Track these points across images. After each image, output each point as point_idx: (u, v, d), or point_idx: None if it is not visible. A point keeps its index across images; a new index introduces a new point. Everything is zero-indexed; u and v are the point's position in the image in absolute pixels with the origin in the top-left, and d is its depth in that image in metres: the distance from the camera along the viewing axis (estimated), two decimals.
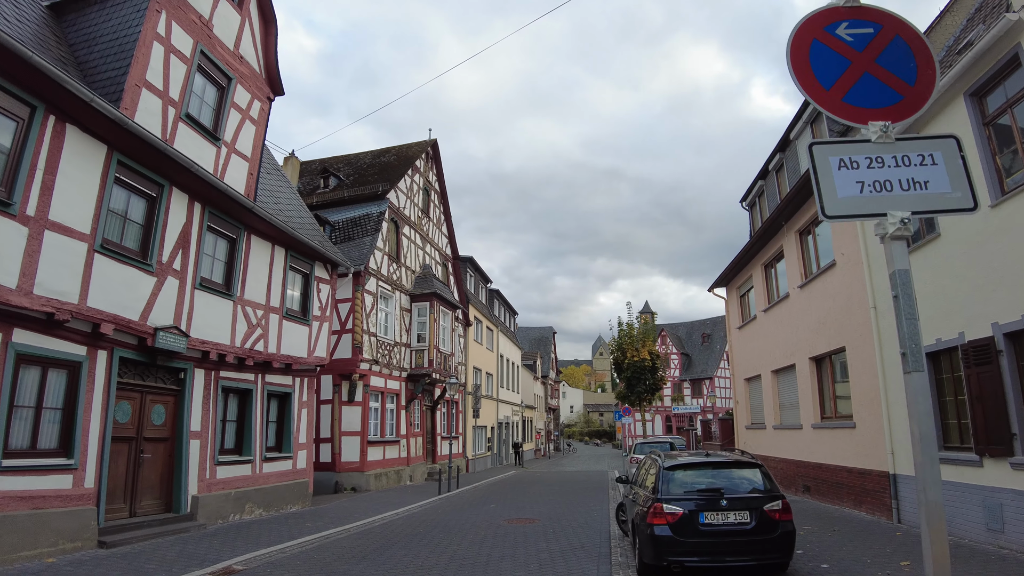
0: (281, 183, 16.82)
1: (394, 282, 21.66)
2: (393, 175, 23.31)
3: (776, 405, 16.72)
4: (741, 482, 6.96)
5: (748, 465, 7.13)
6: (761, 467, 7.08)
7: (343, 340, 18.96)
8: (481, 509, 14.24)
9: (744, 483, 6.95)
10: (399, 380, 21.59)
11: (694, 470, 7.16)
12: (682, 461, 7.31)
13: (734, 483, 6.92)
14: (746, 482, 6.96)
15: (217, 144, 11.87)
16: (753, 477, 6.98)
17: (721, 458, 7.41)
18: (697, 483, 6.93)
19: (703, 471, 7.14)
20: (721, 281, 21.35)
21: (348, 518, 12.66)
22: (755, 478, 6.96)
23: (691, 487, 6.87)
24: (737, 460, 7.31)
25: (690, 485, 6.90)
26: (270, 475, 13.26)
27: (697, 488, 6.84)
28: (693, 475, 7.07)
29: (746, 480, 6.98)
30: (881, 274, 10.85)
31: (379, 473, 19.52)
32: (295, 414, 14.28)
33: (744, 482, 6.96)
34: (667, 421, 53.93)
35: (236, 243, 12.40)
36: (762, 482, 6.91)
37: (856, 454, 11.75)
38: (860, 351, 11.58)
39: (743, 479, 6.99)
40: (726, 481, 6.91)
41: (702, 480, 6.97)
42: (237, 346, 12.12)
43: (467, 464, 29.44)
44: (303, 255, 14.62)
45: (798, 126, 15.66)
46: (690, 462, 7.30)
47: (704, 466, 7.22)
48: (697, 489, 6.83)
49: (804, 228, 14.59)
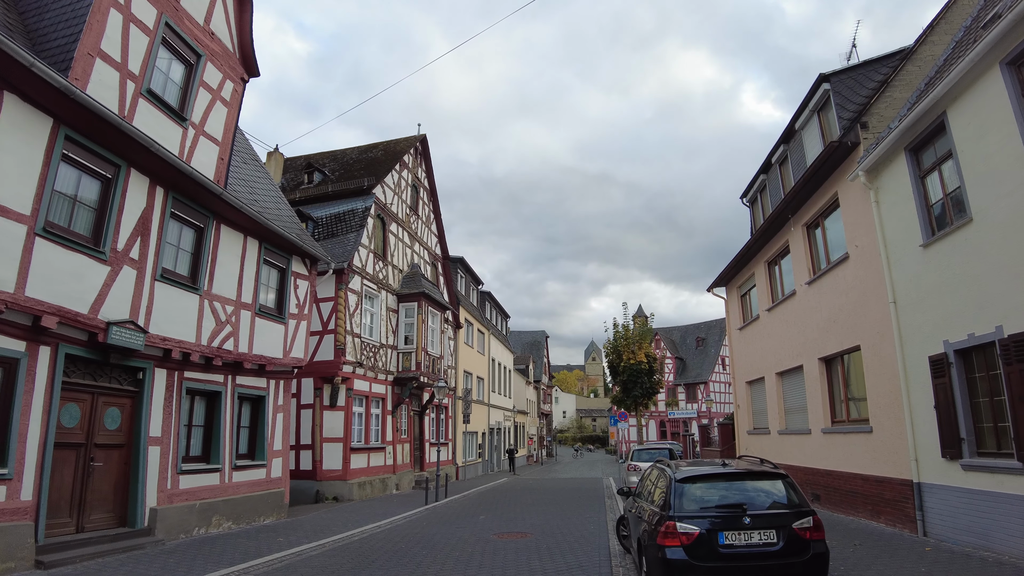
0: (259, 174, 15.88)
1: (380, 281, 20.71)
2: (380, 170, 22.39)
3: (781, 409, 15.88)
4: (765, 496, 6.05)
5: (772, 476, 6.21)
6: (787, 478, 6.17)
7: (325, 341, 17.98)
8: (469, 521, 13.28)
9: (769, 497, 6.04)
10: (385, 384, 20.60)
11: (711, 482, 6.22)
12: (696, 471, 6.38)
13: (757, 497, 6.01)
14: (771, 496, 6.05)
15: (183, 125, 10.93)
16: (778, 490, 6.07)
17: (741, 468, 6.48)
18: (715, 497, 6.00)
19: (721, 483, 6.20)
20: (721, 280, 20.54)
21: (325, 531, 11.68)
22: (781, 491, 6.05)
23: (708, 502, 5.94)
24: (759, 470, 6.38)
25: (707, 500, 5.97)
26: (241, 485, 12.26)
27: (715, 503, 5.91)
28: (710, 488, 6.13)
29: (771, 493, 6.07)
30: (901, 266, 10.04)
31: (363, 482, 18.51)
32: (269, 419, 13.29)
33: (769, 496, 6.05)
34: (661, 426, 53.07)
35: (204, 232, 11.45)
36: (789, 496, 6.00)
37: (873, 461, 10.90)
38: (877, 349, 10.76)
39: (767, 492, 6.08)
40: (748, 495, 6.00)
41: (720, 494, 6.04)
42: (204, 344, 11.14)
43: (457, 471, 28.43)
44: (279, 248, 13.66)
45: (804, 115, 14.87)
46: (706, 473, 6.36)
47: (722, 477, 6.27)
48: (715, 505, 5.90)
49: (812, 221, 13.79)
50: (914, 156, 9.80)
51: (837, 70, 13.76)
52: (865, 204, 11.14)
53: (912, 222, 9.71)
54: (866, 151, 11.18)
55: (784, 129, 16.40)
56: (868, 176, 10.84)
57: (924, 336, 9.35)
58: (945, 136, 8.93)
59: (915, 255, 9.62)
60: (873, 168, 10.73)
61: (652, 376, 27.72)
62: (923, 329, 9.39)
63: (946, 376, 8.74)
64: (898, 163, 10.12)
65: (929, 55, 12.01)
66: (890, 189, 10.41)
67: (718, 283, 20.73)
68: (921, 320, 9.45)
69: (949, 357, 8.71)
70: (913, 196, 9.67)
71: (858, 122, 11.79)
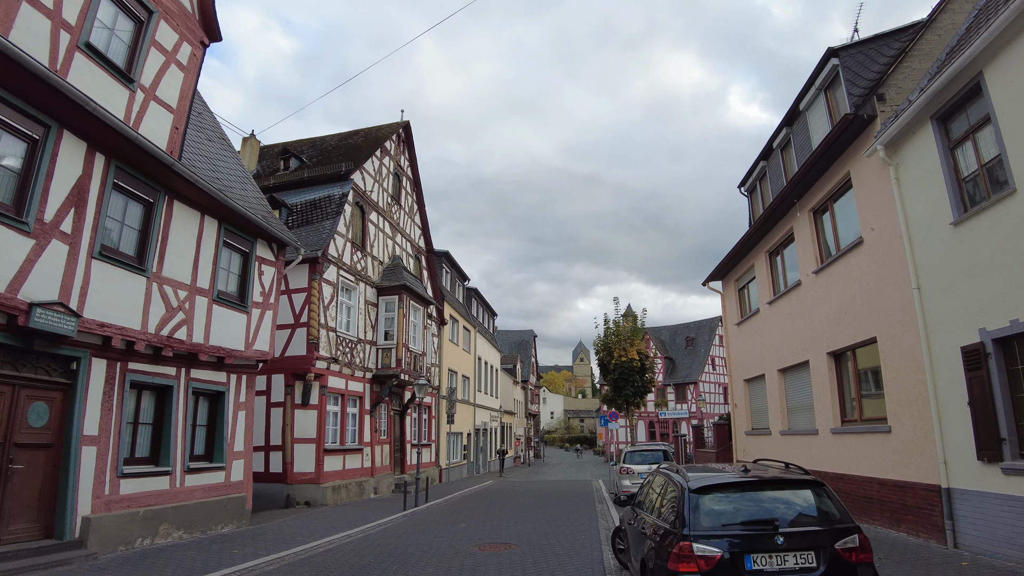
0: (226, 153, 14.67)
1: (358, 272, 19.54)
2: (359, 156, 21.23)
3: (783, 408, 14.91)
4: (799, 509, 4.99)
5: (805, 484, 5.13)
6: (823, 486, 5.11)
7: (297, 335, 16.80)
8: (449, 529, 12.17)
9: (804, 510, 4.98)
10: (363, 382, 19.42)
11: (733, 493, 5.12)
12: (713, 479, 5.27)
13: (790, 510, 4.95)
14: (806, 508, 4.98)
15: (131, 87, 9.75)
16: (814, 501, 5.01)
17: (767, 474, 5.42)
18: (739, 512, 4.92)
19: (745, 494, 5.11)
20: (717, 274, 19.58)
21: (288, 542, 10.53)
22: (817, 502, 4.99)
23: (730, 518, 4.85)
24: (790, 477, 5.30)
25: (729, 515, 4.88)
26: (195, 489, 11.07)
27: (739, 519, 4.84)
28: (732, 500, 5.05)
29: (806, 505, 5.00)
30: (927, 248, 9.08)
31: (337, 485, 17.33)
32: (229, 417, 12.11)
33: (804, 508, 4.99)
34: (650, 427, 52.15)
35: (153, 208, 10.27)
36: (828, 508, 4.94)
37: (892, 463, 9.93)
38: (898, 341, 9.79)
39: (801, 504, 5.02)
40: (779, 508, 4.94)
41: (745, 507, 4.96)
42: (151, 332, 9.96)
43: (440, 474, 27.27)
44: (242, 230, 12.49)
45: (809, 94, 13.93)
46: (726, 481, 5.25)
47: (746, 487, 5.18)
48: (740, 521, 4.82)
49: (819, 206, 12.84)
50: (942, 125, 8.84)
51: (846, 44, 12.86)
52: (883, 182, 10.19)
53: (940, 199, 8.75)
54: (883, 125, 10.22)
55: (786, 111, 15.48)
56: (888, 151, 9.88)
57: (955, 324, 8.38)
58: (981, 100, 7.98)
59: (944, 235, 8.65)
60: (893, 142, 9.77)
61: (644, 374, 26.67)
62: (954, 316, 8.42)
63: (983, 368, 7.77)
64: (923, 134, 9.16)
65: (950, 24, 11.10)
66: (913, 164, 9.45)
67: (714, 276, 19.77)
68: (951, 307, 8.48)
69: (987, 347, 7.74)
70: (941, 169, 8.71)
71: (874, 94, 10.84)
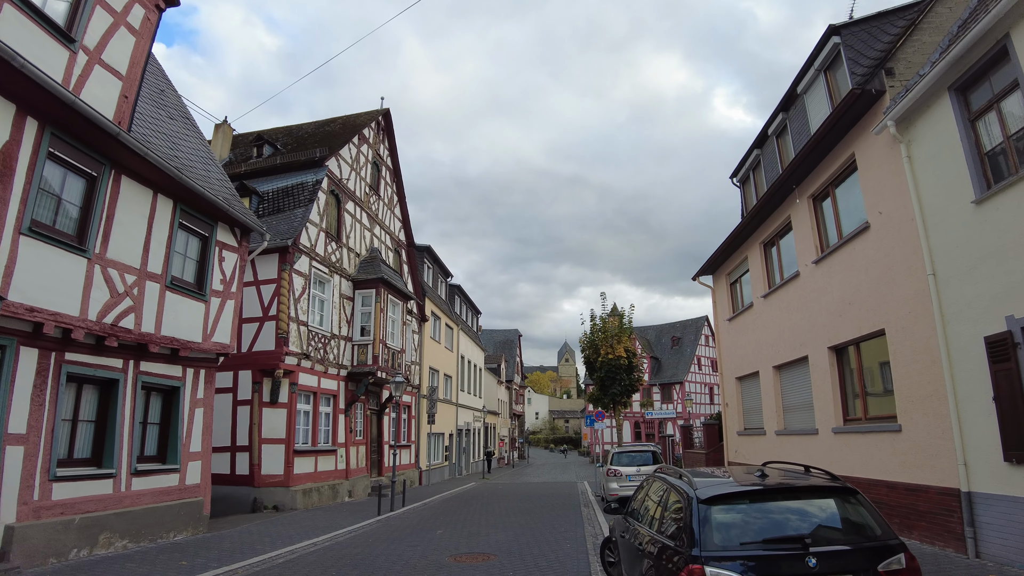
0: (189, 133, 13.66)
1: (333, 264, 18.56)
2: (336, 143, 20.25)
3: (779, 407, 14.19)
4: (832, 522, 4.15)
5: (836, 492, 4.29)
6: (857, 494, 4.28)
7: (266, 329, 15.81)
8: (424, 537, 11.27)
9: (838, 524, 4.14)
10: (337, 379, 18.44)
11: (751, 503, 4.23)
12: (725, 487, 4.40)
13: (822, 525, 4.12)
14: (840, 522, 4.14)
15: (72, 47, 8.76)
16: (850, 513, 4.17)
17: (790, 481, 4.51)
18: (760, 526, 4.04)
19: (766, 504, 4.21)
20: (708, 268, 18.86)
21: (246, 551, 9.59)
22: (853, 514, 4.15)
23: (750, 534, 3.99)
24: (817, 484, 4.41)
25: (748, 530, 4.01)
26: (143, 494, 10.08)
27: (762, 536, 3.96)
28: (750, 512, 4.16)
29: (840, 518, 4.16)
30: (944, 230, 8.35)
31: (309, 488, 16.34)
32: (184, 414, 11.12)
33: (837, 522, 4.14)
34: (636, 428, 51.50)
35: (97, 183, 9.27)
36: (866, 521, 4.10)
37: (902, 465, 9.20)
38: (909, 332, 9.06)
39: (834, 517, 4.17)
40: (808, 521, 4.10)
41: (767, 521, 4.10)
42: (92, 320, 8.97)
43: (420, 476, 26.31)
44: (200, 212, 11.51)
45: (808, 76, 13.24)
46: (742, 490, 4.33)
47: (766, 495, 4.26)
48: (762, 538, 3.94)
49: (820, 191, 12.12)
50: (961, 96, 8.12)
51: (848, 22, 12.19)
52: (893, 162, 9.47)
53: (958, 176, 8.03)
54: (893, 100, 9.51)
55: (783, 96, 14.78)
56: (899, 127, 9.15)
57: (977, 312, 7.66)
58: (1008, 65, 7.26)
59: (964, 215, 7.93)
60: (905, 117, 9.05)
61: (632, 373, 25.91)
62: (975, 304, 7.69)
63: (1011, 360, 7.04)
64: (939, 107, 8.44)
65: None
66: (927, 140, 8.72)
67: (705, 271, 19.05)
68: (972, 293, 7.75)
69: (1015, 336, 7.01)
70: (961, 144, 7.99)
71: (882, 68, 10.14)
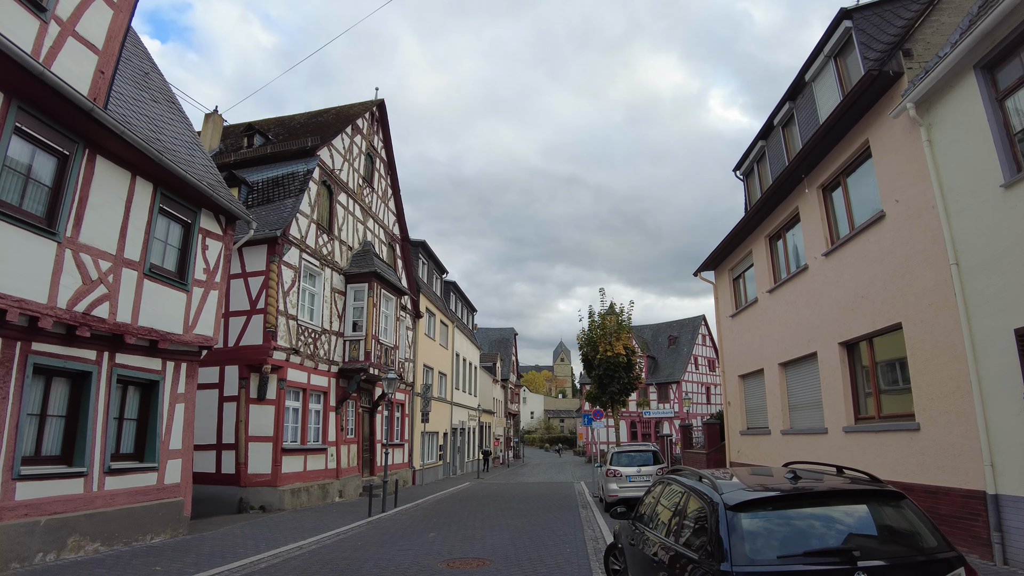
0: (174, 118, 13.09)
1: (324, 257, 18.00)
2: (329, 133, 19.70)
3: (785, 405, 13.72)
4: (880, 532, 3.63)
5: (882, 497, 3.74)
6: (906, 499, 3.75)
7: (253, 322, 15.26)
8: (416, 540, 10.75)
9: (886, 534, 3.61)
10: (327, 375, 17.89)
11: (786, 510, 3.65)
12: (754, 491, 3.80)
13: (869, 535, 3.60)
14: (889, 532, 3.62)
15: (43, 17, 8.20)
16: (899, 521, 3.64)
17: (830, 484, 3.93)
18: (798, 537, 3.49)
19: (804, 511, 3.66)
20: (710, 263, 18.38)
21: (227, 555, 9.06)
22: (904, 523, 3.62)
23: (788, 546, 3.43)
24: (860, 488, 3.81)
25: (785, 542, 3.46)
26: (117, 494, 9.52)
27: (802, 548, 3.40)
28: (786, 521, 3.57)
29: (888, 528, 3.63)
30: (968, 216, 7.87)
31: (297, 488, 15.79)
32: (164, 410, 10.56)
33: (886, 532, 3.62)
34: (632, 427, 51.06)
35: (69, 162, 8.71)
36: (919, 531, 3.56)
37: (921, 466, 8.72)
38: (929, 326, 8.59)
39: (882, 526, 3.64)
40: (852, 531, 3.57)
41: (806, 530, 3.54)
42: (62, 308, 8.41)
43: (414, 476, 25.78)
44: (183, 198, 10.96)
45: (816, 63, 12.76)
46: (776, 494, 3.77)
47: (803, 501, 3.73)
48: (803, 551, 3.38)
49: (830, 181, 11.65)
50: (988, 75, 7.65)
51: (860, 5, 11.73)
52: (911, 147, 8.99)
53: (985, 159, 7.56)
54: (911, 83, 9.03)
55: (789, 85, 14.31)
56: (919, 109, 8.67)
57: (1005, 303, 7.18)
58: None
59: (990, 200, 7.46)
60: (925, 99, 8.57)
61: (631, 371, 25.42)
62: (1004, 294, 7.22)
63: None
64: (963, 87, 7.97)
65: None
66: (950, 122, 8.25)
67: (706, 266, 18.57)
68: (1000, 283, 7.28)
69: None
70: (988, 125, 7.51)
71: (899, 49, 9.67)
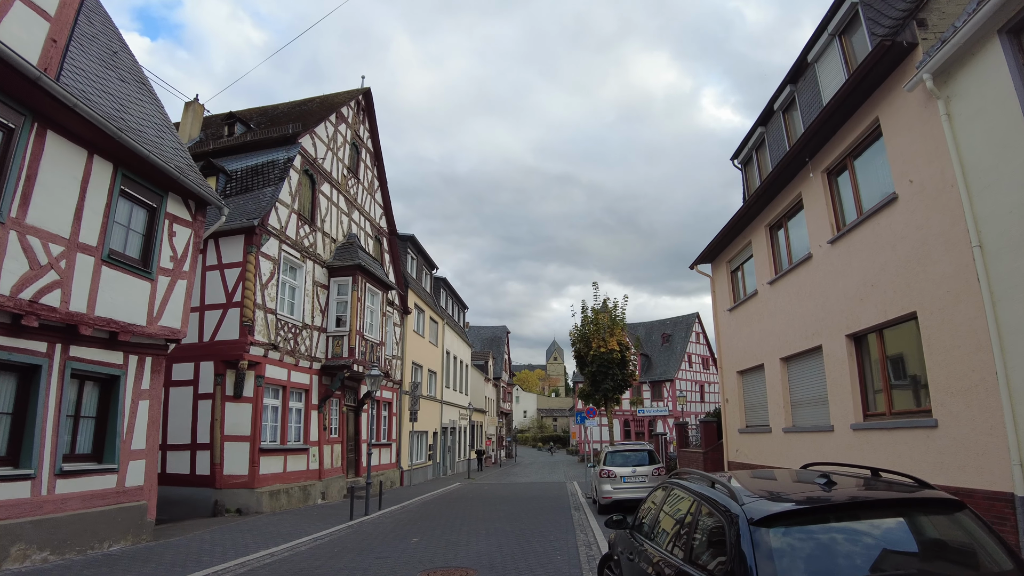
0: (144, 99, 12.34)
1: (305, 249, 17.27)
2: (311, 121, 18.96)
3: (787, 402, 13.10)
4: (940, 550, 2.98)
5: (938, 506, 3.10)
6: (966, 508, 3.07)
7: (229, 316, 14.52)
8: (397, 547, 10.05)
9: (948, 555, 2.96)
10: (309, 372, 17.16)
11: (824, 524, 2.96)
12: (787, 504, 3.13)
13: (927, 556, 2.94)
14: (951, 552, 2.97)
15: None
16: (961, 535, 2.98)
17: (875, 493, 3.26)
18: (840, 558, 2.82)
19: (845, 526, 2.98)
20: (707, 256, 17.75)
21: (190, 564, 8.34)
22: (966, 537, 2.96)
23: (834, 570, 2.77)
24: (911, 496, 3.17)
25: (830, 565, 2.79)
26: (70, 498, 8.78)
27: (850, 573, 2.75)
28: (824, 537, 2.91)
29: (948, 545, 2.99)
30: (992, 195, 7.26)
31: (277, 490, 15.06)
32: (125, 407, 9.83)
33: (946, 552, 2.97)
34: (625, 426, 50.47)
35: (14, 136, 7.97)
36: (986, 546, 2.90)
37: (939, 465, 8.11)
38: (948, 315, 7.98)
39: (941, 542, 3.00)
40: (907, 550, 2.93)
41: (851, 549, 2.86)
42: (4, 294, 7.68)
43: (402, 476, 25.05)
44: (148, 179, 10.22)
45: (820, 43, 12.15)
46: (808, 506, 3.11)
47: (843, 513, 3.06)
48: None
49: (836, 164, 11.04)
50: (1015, 39, 7.04)
51: None
52: (927, 122, 8.38)
53: (1012, 132, 6.94)
54: (927, 54, 8.41)
55: (790, 67, 13.73)
56: (937, 81, 8.05)
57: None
58: None
59: (1020, 175, 6.84)
60: (944, 69, 7.95)
61: (625, 367, 24.78)
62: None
63: None
64: (985, 55, 7.36)
65: None
66: (972, 93, 7.63)
67: (703, 259, 17.94)
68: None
69: None
70: (1016, 94, 6.89)
71: (912, 19, 9.05)
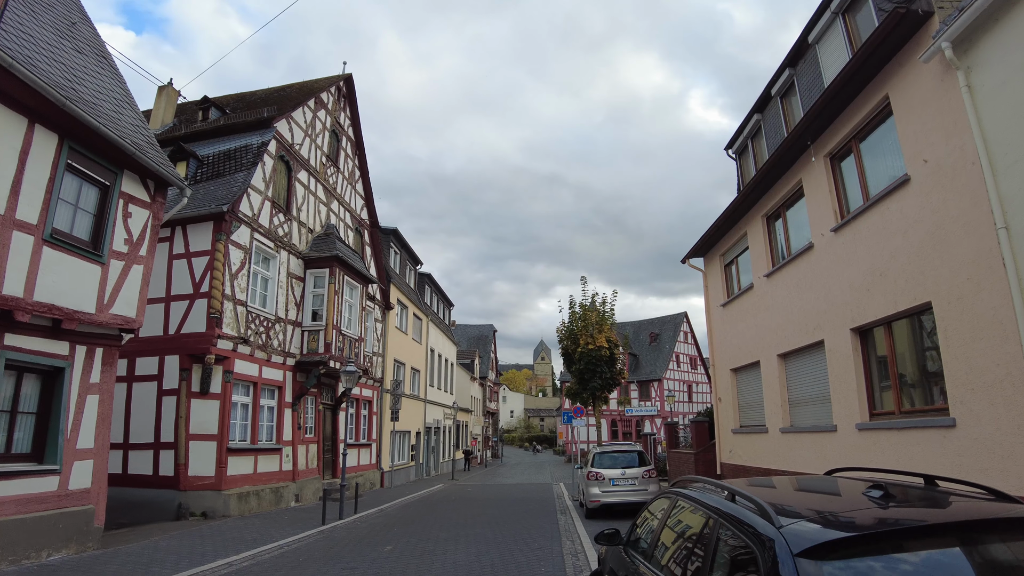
0: (103, 72, 11.44)
1: (280, 239, 16.42)
2: (288, 105, 18.10)
3: (784, 401, 12.47)
4: None
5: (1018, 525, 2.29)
6: None
7: (196, 308, 13.66)
8: (367, 555, 9.28)
9: None
10: (282, 368, 16.31)
11: (890, 554, 2.06)
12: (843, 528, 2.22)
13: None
14: None
15: None
16: None
17: (958, 512, 2.40)
18: None
19: (920, 556, 2.08)
20: (699, 249, 17.12)
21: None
22: None
23: None
24: (1001, 516, 2.33)
25: None
26: (5, 502, 7.93)
27: None
28: (894, 572, 2.04)
29: None
30: (1017, 174, 6.64)
31: (246, 492, 14.21)
32: (71, 403, 8.97)
33: None
34: (613, 426, 49.89)
35: None
36: None
37: (958, 468, 7.47)
38: (968, 304, 7.35)
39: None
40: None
41: None
42: None
43: (382, 478, 24.22)
44: (100, 155, 9.37)
45: (823, 20, 11.53)
46: (874, 531, 2.16)
47: (914, 538, 2.15)
48: None
49: (841, 148, 10.41)
50: None
51: None
52: (945, 96, 7.75)
53: None
54: (943, 23, 7.79)
55: (789, 50, 13.11)
56: (956, 50, 7.42)
57: None
58: None
59: None
60: (964, 37, 7.32)
61: (613, 365, 24.12)
62: None
63: None
64: (1011, 19, 6.73)
65: None
66: (995, 62, 7.01)
67: (695, 252, 17.30)
68: None
69: None
70: None
71: None
